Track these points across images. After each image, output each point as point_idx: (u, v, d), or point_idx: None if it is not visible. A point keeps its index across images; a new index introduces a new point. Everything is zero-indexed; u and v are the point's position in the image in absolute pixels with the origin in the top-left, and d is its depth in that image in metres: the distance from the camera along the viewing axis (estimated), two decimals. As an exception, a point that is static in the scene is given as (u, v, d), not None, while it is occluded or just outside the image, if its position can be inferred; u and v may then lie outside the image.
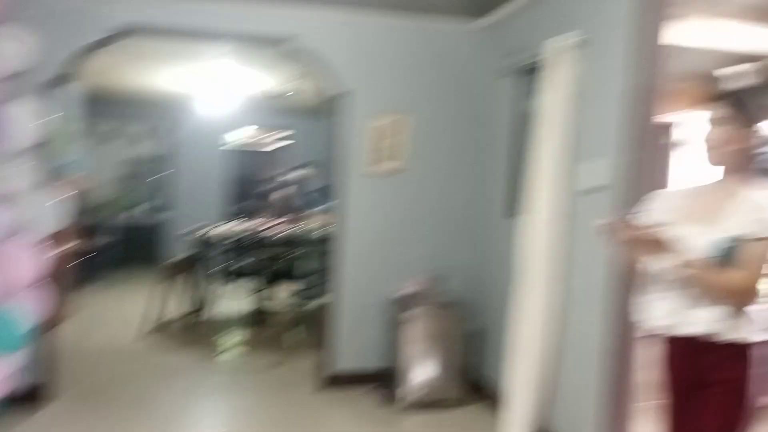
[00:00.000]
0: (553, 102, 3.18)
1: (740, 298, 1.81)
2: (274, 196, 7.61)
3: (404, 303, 4.02)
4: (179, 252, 6.33)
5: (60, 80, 3.69)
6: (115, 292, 7.42)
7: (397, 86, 4.19)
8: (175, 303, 5.79)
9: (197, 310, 5.87)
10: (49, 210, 3.55)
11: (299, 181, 7.31)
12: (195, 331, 5.67)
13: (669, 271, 1.86)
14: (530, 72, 3.59)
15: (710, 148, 1.89)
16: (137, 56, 5.48)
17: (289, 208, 7.06)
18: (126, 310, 6.29)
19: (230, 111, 7.30)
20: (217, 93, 6.65)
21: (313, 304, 5.18)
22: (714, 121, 1.88)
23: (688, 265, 1.81)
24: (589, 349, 3.00)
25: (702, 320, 1.83)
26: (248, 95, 7.09)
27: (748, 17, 3.99)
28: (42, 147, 3.55)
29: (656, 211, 2.01)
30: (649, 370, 2.36)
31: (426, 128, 4.25)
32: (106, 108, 8.16)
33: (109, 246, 8.08)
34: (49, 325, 3.72)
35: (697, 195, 1.98)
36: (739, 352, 1.83)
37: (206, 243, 5.79)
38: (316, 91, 4.65)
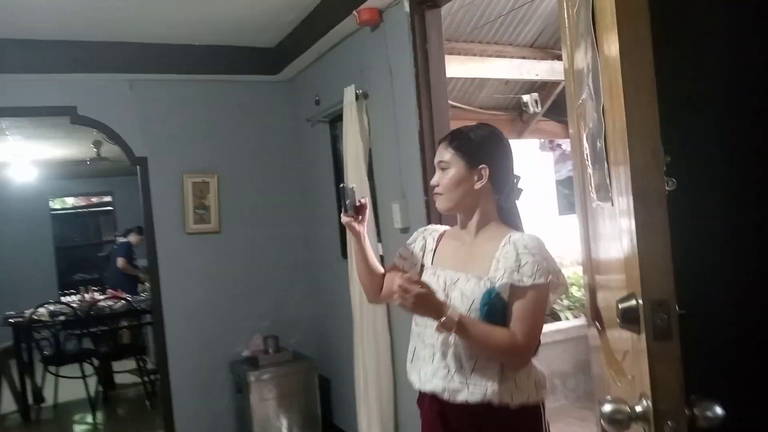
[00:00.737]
0: (351, 146, 3.22)
1: (516, 356, 1.55)
2: (110, 263, 7.02)
3: (246, 364, 3.82)
4: (2, 341, 5.60)
5: None
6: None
7: (199, 145, 3.99)
8: (8, 395, 5.13)
9: (35, 401, 5.22)
10: None
11: (130, 246, 6.79)
12: (35, 424, 5.06)
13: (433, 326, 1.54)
14: (335, 119, 3.66)
15: (436, 194, 1.68)
16: None
17: (126, 276, 6.56)
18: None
19: (46, 179, 6.71)
20: (23, 163, 6.12)
21: (157, 377, 4.78)
22: (439, 165, 1.68)
23: (447, 322, 1.50)
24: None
25: (478, 384, 1.55)
26: (58, 162, 6.57)
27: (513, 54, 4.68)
28: None
29: (417, 249, 1.80)
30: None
31: (241, 182, 4.09)
32: None
33: None
34: None
35: (455, 238, 1.75)
36: (526, 418, 1.58)
37: (34, 324, 5.16)
38: (119, 156, 4.36)
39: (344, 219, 1.78)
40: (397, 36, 2.89)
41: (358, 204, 1.78)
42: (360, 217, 1.78)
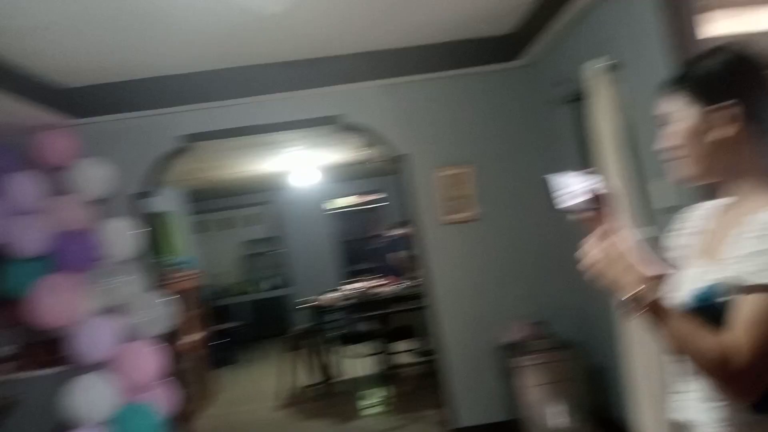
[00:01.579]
0: (602, 124, 3.02)
1: (728, 377, 1.04)
2: (384, 254, 7.71)
3: (513, 350, 3.84)
4: (301, 323, 6.53)
5: (146, 192, 4.00)
6: (250, 370, 7.77)
7: (451, 138, 4.12)
8: (305, 372, 5.96)
9: (326, 376, 5.98)
10: (164, 309, 3.83)
11: (401, 238, 7.36)
12: (328, 397, 5.77)
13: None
14: (578, 99, 3.46)
15: (675, 157, 1.21)
16: (223, 151, 5.85)
17: (396, 266, 7.11)
18: (261, 386, 6.58)
19: (325, 182, 7.61)
20: (306, 169, 7.01)
21: (432, 358, 5.09)
22: (664, 121, 1.22)
23: (640, 294, 1.11)
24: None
25: (701, 414, 1.16)
26: (334, 166, 7.37)
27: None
28: (144, 254, 3.87)
29: (678, 238, 1.33)
30: None
31: (493, 170, 4.13)
32: (214, 200, 8.79)
33: (239, 326, 8.55)
34: (185, 415, 3.97)
35: (710, 217, 1.27)
36: None
37: (322, 310, 5.93)
38: (383, 156, 4.73)
39: (577, 216, 1.30)
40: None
41: (595, 194, 1.24)
42: (602, 209, 1.23)
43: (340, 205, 9.98)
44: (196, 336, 5.97)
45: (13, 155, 3.63)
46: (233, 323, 8.40)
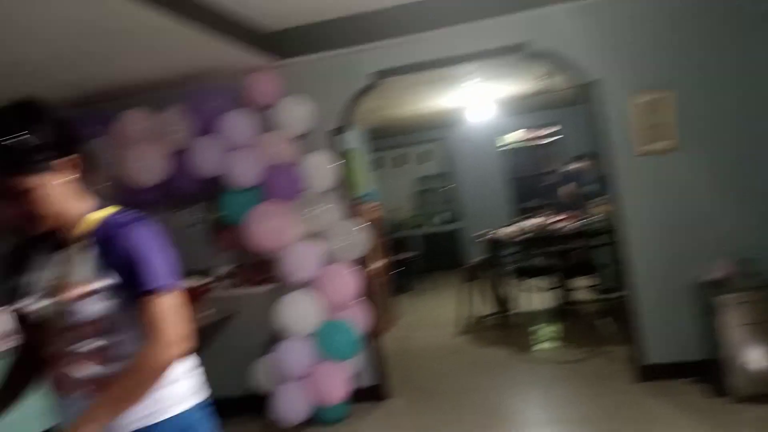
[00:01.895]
0: None
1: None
2: (557, 190, 7.53)
3: (714, 288, 3.61)
4: (475, 255, 6.66)
5: (341, 128, 4.25)
6: (425, 298, 8.14)
7: (650, 61, 3.81)
8: (480, 303, 6.13)
9: (502, 307, 6.09)
10: (358, 236, 4.13)
11: (578, 173, 7.10)
12: (504, 327, 5.90)
13: None
14: None
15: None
16: (403, 88, 5.98)
17: (573, 201, 6.90)
18: (437, 313, 6.90)
19: (498, 117, 7.51)
20: (482, 103, 6.94)
21: (615, 295, 4.96)
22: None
23: None
24: None
25: None
26: (509, 99, 7.21)
27: None
28: (339, 186, 4.16)
29: None
30: None
31: (697, 97, 3.78)
32: (390, 137, 9.08)
33: (414, 258, 8.93)
34: (375, 333, 4.30)
35: None
36: None
37: (498, 244, 5.99)
38: (568, 84, 4.53)
39: None
40: None
41: None
42: None
43: (512, 141, 9.82)
44: (380, 263, 6.35)
45: (227, 96, 4.04)
46: (408, 254, 8.79)
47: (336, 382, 3.94)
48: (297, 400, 3.89)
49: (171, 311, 1.49)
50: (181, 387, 1.59)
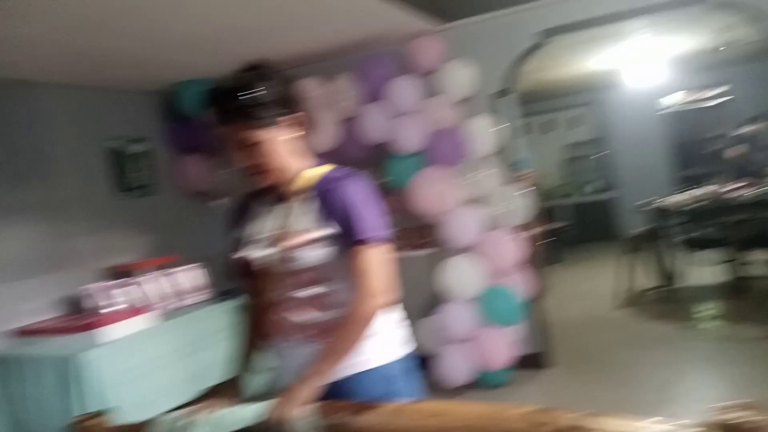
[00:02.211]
0: None
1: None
2: (729, 155, 6.89)
3: None
4: (636, 225, 6.31)
5: (504, 92, 4.16)
6: (579, 268, 7.88)
7: None
8: (642, 275, 5.82)
9: (668, 281, 5.74)
10: (517, 202, 4.07)
11: (752, 136, 6.43)
12: (668, 301, 5.57)
13: None
14: None
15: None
16: (565, 48, 5.72)
17: (747, 167, 6.29)
18: (594, 284, 6.64)
19: (660, 77, 6.96)
20: (644, 63, 6.46)
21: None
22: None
23: None
24: None
25: None
26: (676, 58, 6.65)
27: None
28: (499, 152, 4.10)
29: None
30: None
31: None
32: (536, 102, 8.76)
33: (566, 227, 8.64)
34: (535, 299, 4.24)
35: None
36: None
37: (663, 213, 5.62)
38: (752, 38, 4.07)
39: None
40: None
41: None
42: None
43: (674, 103, 9.09)
44: (538, 229, 6.22)
45: (393, 63, 4.10)
46: (559, 224, 8.52)
47: (499, 347, 3.95)
48: (460, 362, 3.95)
49: (378, 262, 1.56)
50: (387, 338, 1.67)
